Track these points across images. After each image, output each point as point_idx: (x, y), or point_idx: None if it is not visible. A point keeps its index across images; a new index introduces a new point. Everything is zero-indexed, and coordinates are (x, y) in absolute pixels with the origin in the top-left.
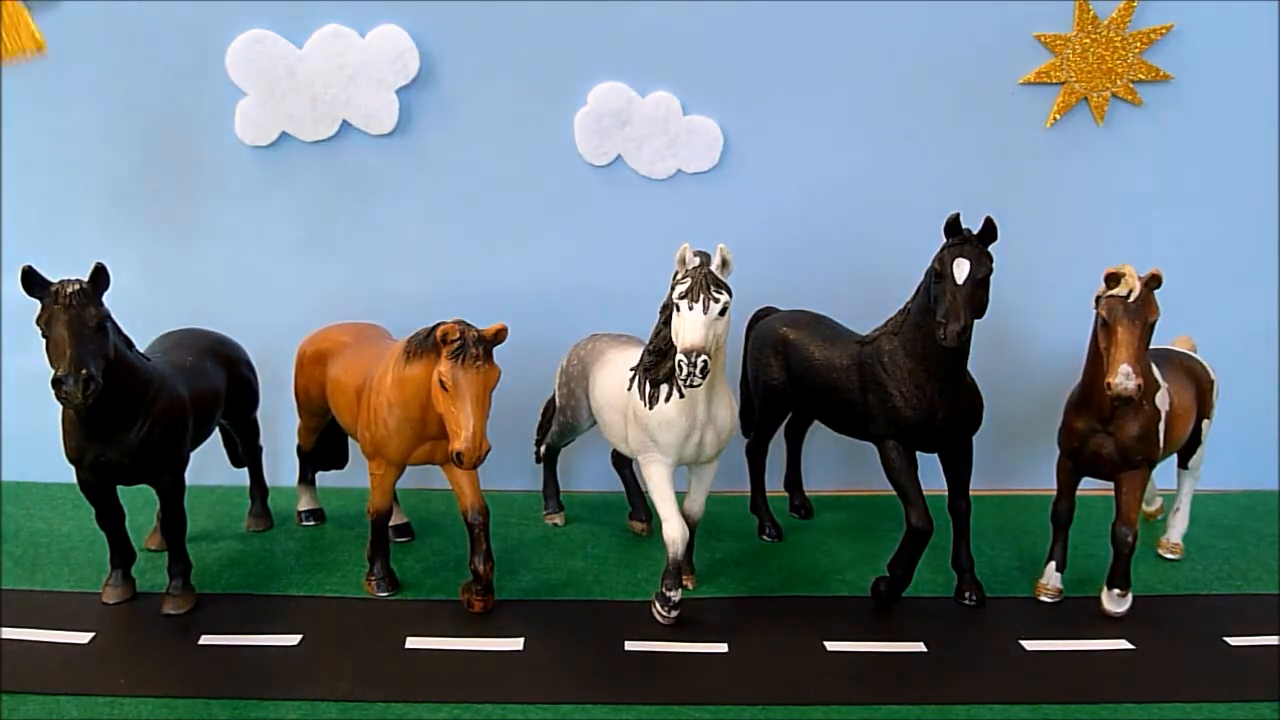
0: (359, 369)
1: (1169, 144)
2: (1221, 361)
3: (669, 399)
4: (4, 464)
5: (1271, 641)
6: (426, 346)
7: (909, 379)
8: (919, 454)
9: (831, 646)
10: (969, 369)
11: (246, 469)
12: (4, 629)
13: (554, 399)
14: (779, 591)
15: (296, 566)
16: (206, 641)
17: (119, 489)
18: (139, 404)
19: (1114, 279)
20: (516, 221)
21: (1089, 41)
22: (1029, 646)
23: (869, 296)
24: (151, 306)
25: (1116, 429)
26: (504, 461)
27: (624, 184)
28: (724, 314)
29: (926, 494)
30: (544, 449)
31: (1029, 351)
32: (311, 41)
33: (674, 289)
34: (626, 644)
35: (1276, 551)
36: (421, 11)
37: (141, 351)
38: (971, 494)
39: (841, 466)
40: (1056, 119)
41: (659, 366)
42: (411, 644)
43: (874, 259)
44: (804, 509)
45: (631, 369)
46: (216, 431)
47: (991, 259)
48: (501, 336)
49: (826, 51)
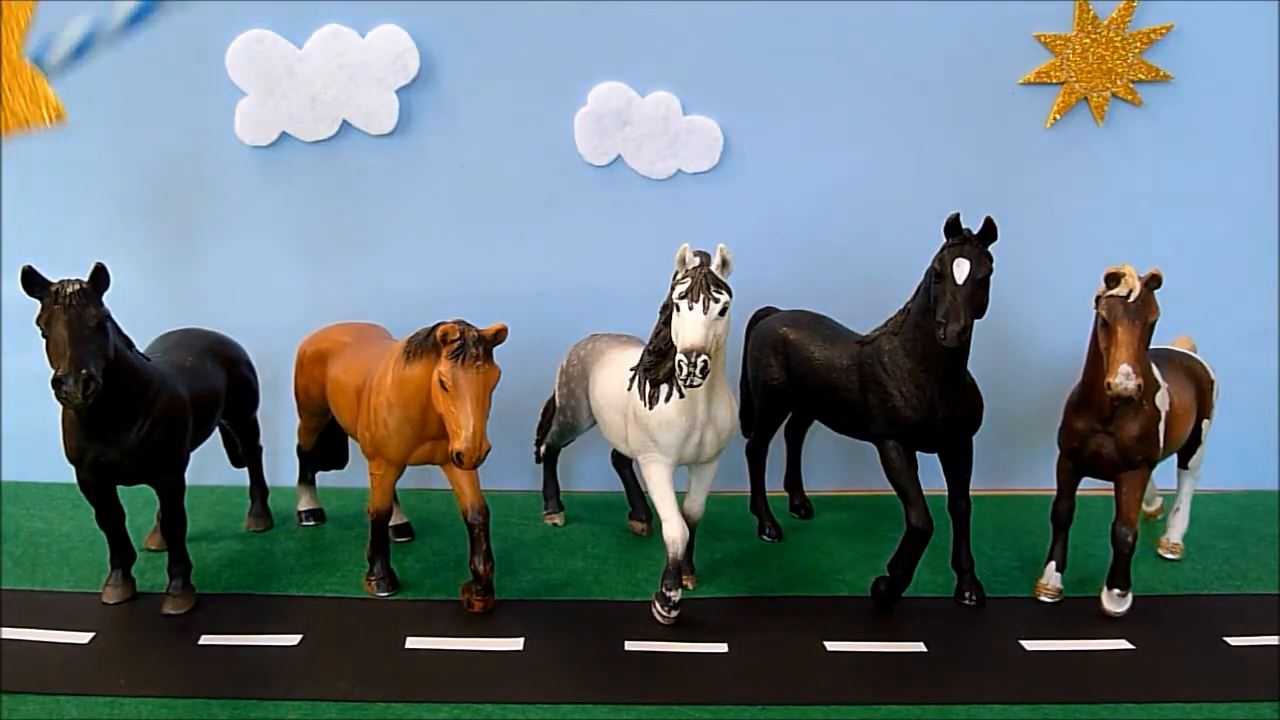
0: (359, 369)
1: (1169, 144)
2: (1221, 361)
3: (669, 399)
4: (4, 464)
5: (1271, 641)
6: (426, 346)
7: (909, 379)
8: (919, 454)
9: (831, 646)
10: (969, 369)
11: (246, 469)
12: (4, 629)
13: (554, 399)
14: (779, 591)
15: (296, 566)
16: (206, 641)
17: (119, 489)
18: (139, 404)
19: (1114, 279)
20: (516, 221)
21: (1089, 41)
22: (1029, 646)
23: (869, 296)
24: (151, 306)
25: (1116, 429)
26: (504, 461)
27: (624, 184)
28: (724, 314)
29: (926, 494)
30: (544, 449)
31: (1029, 351)
32: (311, 41)
33: (674, 289)
34: (626, 644)
35: (1276, 551)
36: (421, 11)
37: (141, 351)
38: (971, 494)
39: (841, 466)
40: (1056, 119)
41: (659, 366)
42: (411, 644)
43: (874, 259)
44: (804, 509)
45: (631, 369)
46: (216, 431)
47: (991, 259)
48: (501, 336)
49: (826, 51)
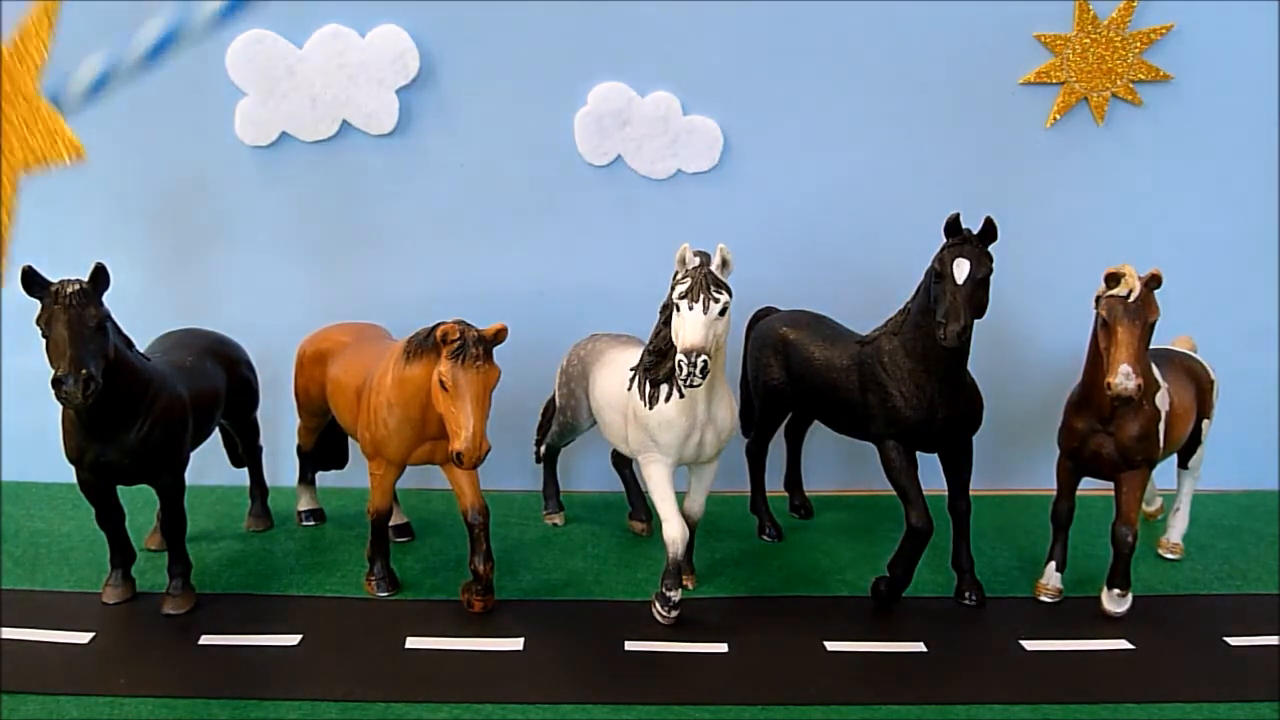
0: (359, 369)
1: (1169, 144)
2: (1221, 361)
3: (669, 399)
4: (4, 464)
5: (1271, 641)
6: (426, 346)
7: (909, 379)
8: (919, 454)
9: (831, 646)
10: (969, 369)
11: (246, 469)
12: (4, 629)
13: (554, 399)
14: (779, 591)
15: (296, 566)
16: (206, 641)
17: (119, 489)
18: (139, 404)
19: (1114, 279)
20: (516, 221)
21: (1089, 41)
22: (1029, 646)
23: (869, 296)
24: (151, 306)
25: (1116, 429)
26: (504, 461)
27: (624, 184)
28: (724, 314)
29: (926, 494)
30: (544, 449)
31: (1029, 351)
32: (311, 41)
33: (674, 289)
34: (626, 644)
35: (1276, 551)
36: (421, 11)
37: (141, 351)
38: (971, 494)
39: (841, 466)
40: (1056, 119)
41: (659, 366)
42: (411, 644)
43: (874, 259)
44: (804, 509)
45: (631, 369)
46: (216, 431)
47: (991, 259)
48: (501, 336)
49: (827, 51)
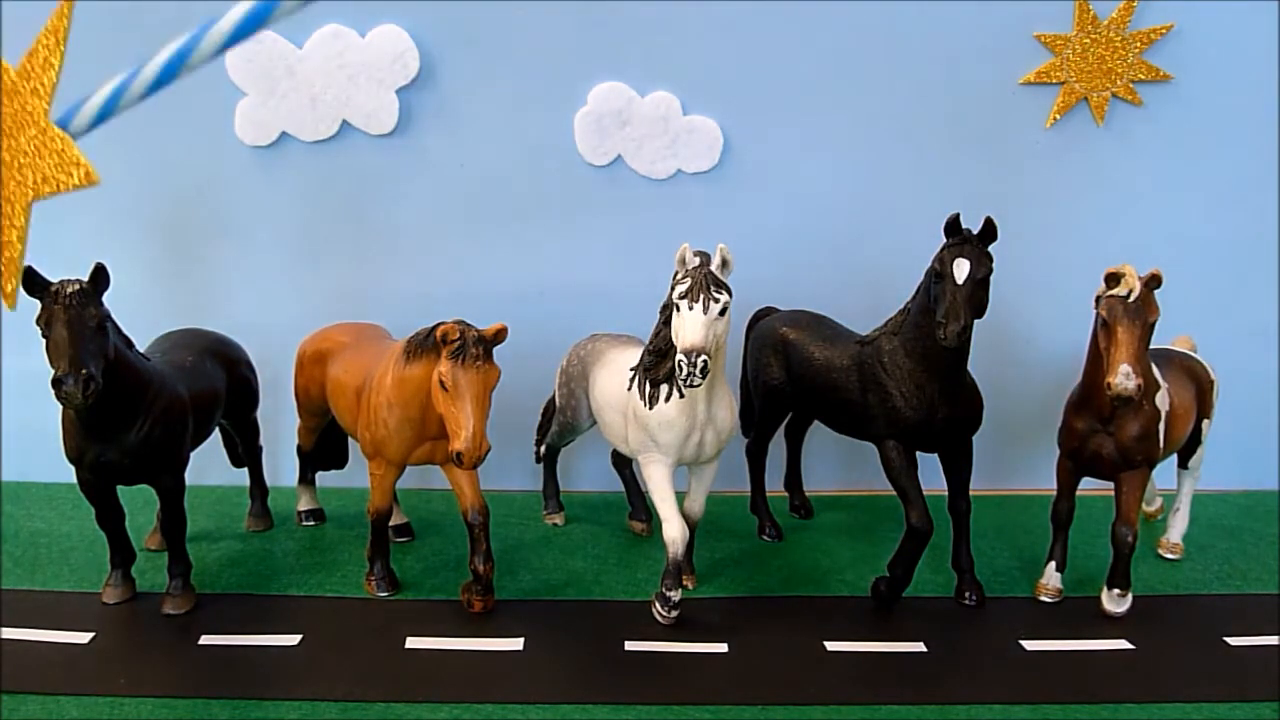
0: (359, 369)
1: (1169, 144)
2: (1221, 361)
3: (669, 399)
4: (4, 464)
5: (1271, 641)
6: (426, 346)
7: (909, 379)
8: (919, 454)
9: (831, 646)
10: (969, 369)
11: (246, 469)
12: (4, 629)
13: (554, 399)
14: (779, 591)
15: (296, 566)
16: (206, 641)
17: (119, 489)
18: (139, 404)
19: (1114, 279)
20: (516, 221)
21: (1089, 41)
22: (1029, 646)
23: (869, 296)
24: (151, 306)
25: (1116, 429)
26: (504, 461)
27: (624, 184)
28: (724, 314)
29: (926, 494)
30: (544, 449)
31: (1029, 351)
32: (311, 41)
33: (674, 289)
34: (626, 644)
35: (1276, 551)
36: (421, 11)
37: (141, 351)
38: (971, 494)
39: (841, 466)
40: (1056, 119)
41: (659, 366)
42: (411, 644)
43: (874, 259)
44: (804, 509)
45: (631, 369)
46: (216, 431)
47: (991, 259)
48: (501, 336)
49: (827, 51)
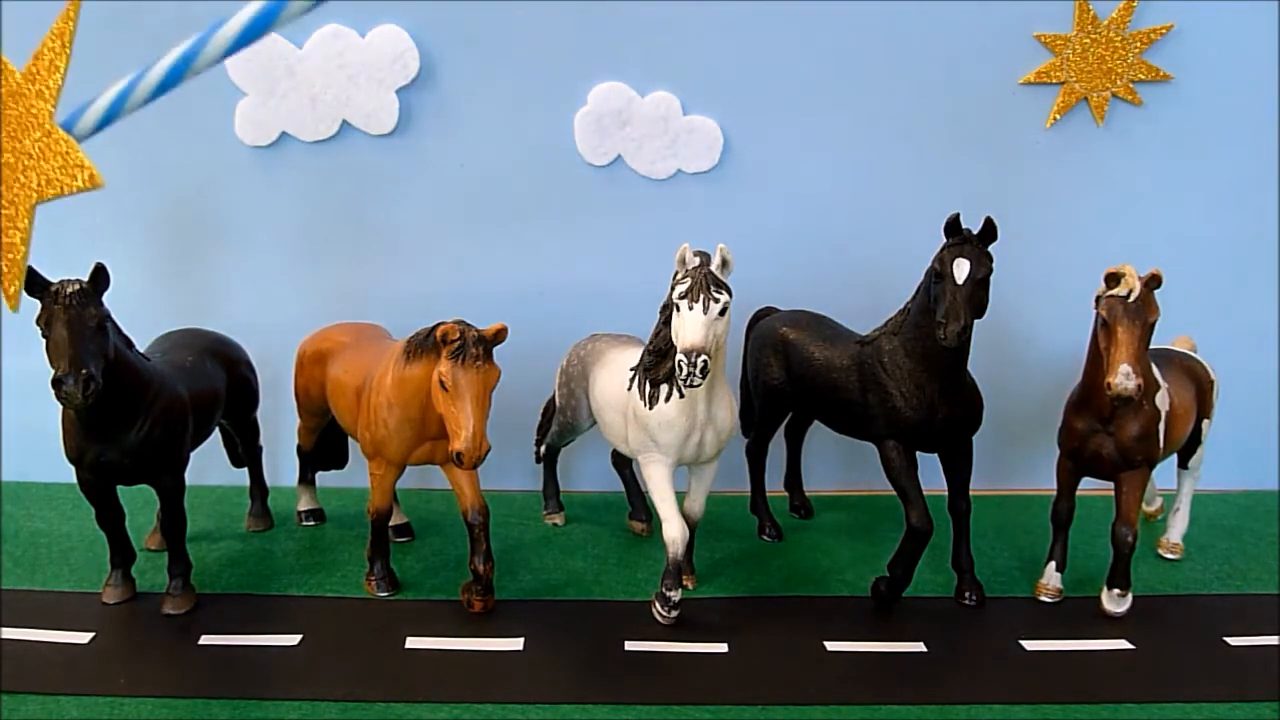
0: (359, 369)
1: (1169, 144)
2: (1221, 361)
3: (669, 399)
4: (4, 464)
5: (1271, 641)
6: (426, 346)
7: (909, 379)
8: (919, 454)
9: (831, 646)
10: (969, 369)
11: (246, 469)
12: (4, 629)
13: (554, 399)
14: (779, 591)
15: (296, 566)
16: (206, 641)
17: (119, 489)
18: (139, 404)
19: (1114, 279)
20: (516, 221)
21: (1089, 41)
22: (1029, 646)
23: (869, 296)
24: (151, 306)
25: (1116, 429)
26: (504, 461)
27: (624, 184)
28: (724, 314)
29: (926, 494)
30: (544, 449)
31: (1029, 351)
32: (311, 41)
33: (674, 289)
34: (626, 644)
35: (1276, 551)
36: (421, 11)
37: (141, 351)
38: (971, 494)
39: (841, 466)
40: (1056, 119)
41: (659, 366)
42: (411, 644)
43: (874, 259)
44: (804, 509)
45: (631, 369)
46: (216, 431)
47: (991, 259)
48: (501, 336)
49: (827, 51)
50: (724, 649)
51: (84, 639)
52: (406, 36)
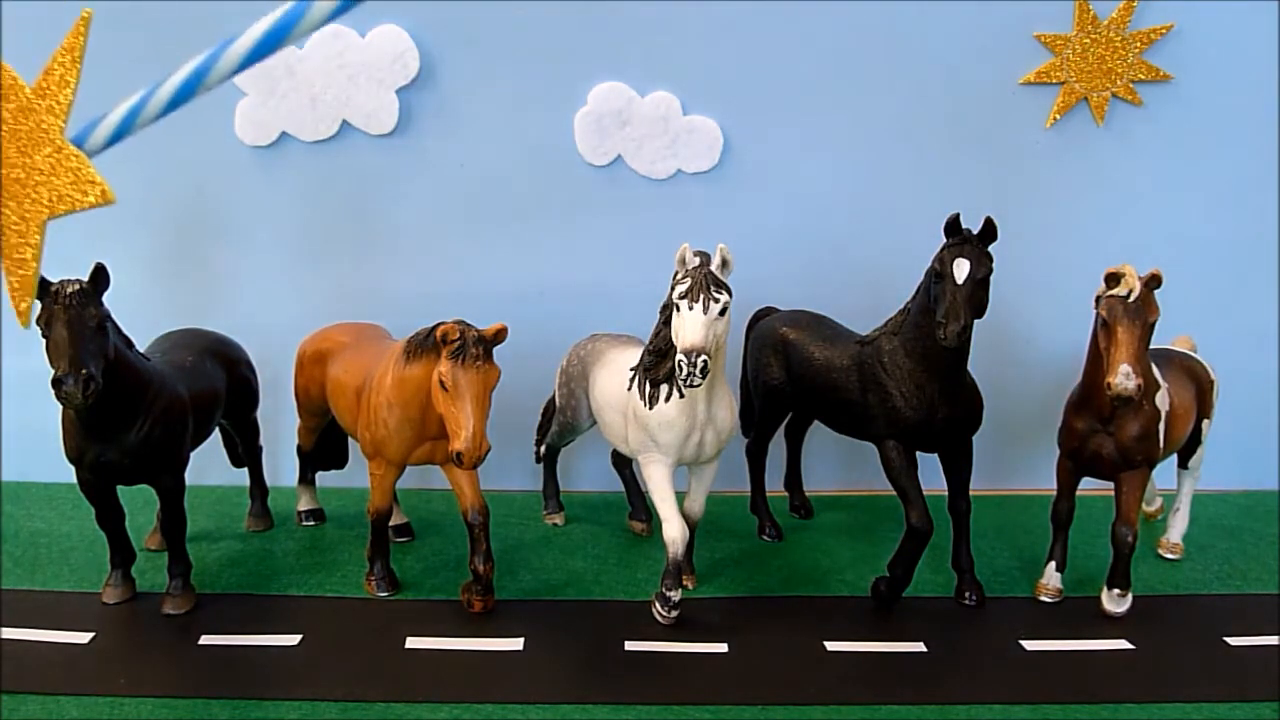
0: (359, 369)
1: (1169, 144)
2: (1221, 361)
3: (669, 399)
4: (4, 464)
5: (1271, 641)
6: (426, 346)
7: (909, 379)
8: (919, 454)
9: (831, 646)
10: (969, 369)
11: (246, 469)
12: (4, 629)
13: (554, 399)
14: (779, 591)
15: (296, 566)
16: (206, 641)
17: (119, 489)
18: (139, 404)
19: (1114, 279)
20: (516, 221)
21: (1089, 41)
22: (1029, 646)
23: (869, 296)
24: (151, 306)
25: (1116, 429)
26: (504, 461)
27: (624, 184)
28: (724, 314)
29: (926, 494)
30: (544, 449)
31: (1029, 351)
32: (311, 41)
33: (674, 289)
34: (626, 644)
35: (1276, 551)
36: (421, 11)
37: (141, 351)
38: (971, 494)
39: (841, 466)
40: (1056, 119)
41: (659, 366)
42: (411, 644)
43: (874, 259)
44: (804, 509)
45: (631, 369)
46: (216, 431)
47: (991, 259)
48: (501, 336)
49: (827, 52)
50: (724, 649)
51: (84, 639)
52: (406, 36)
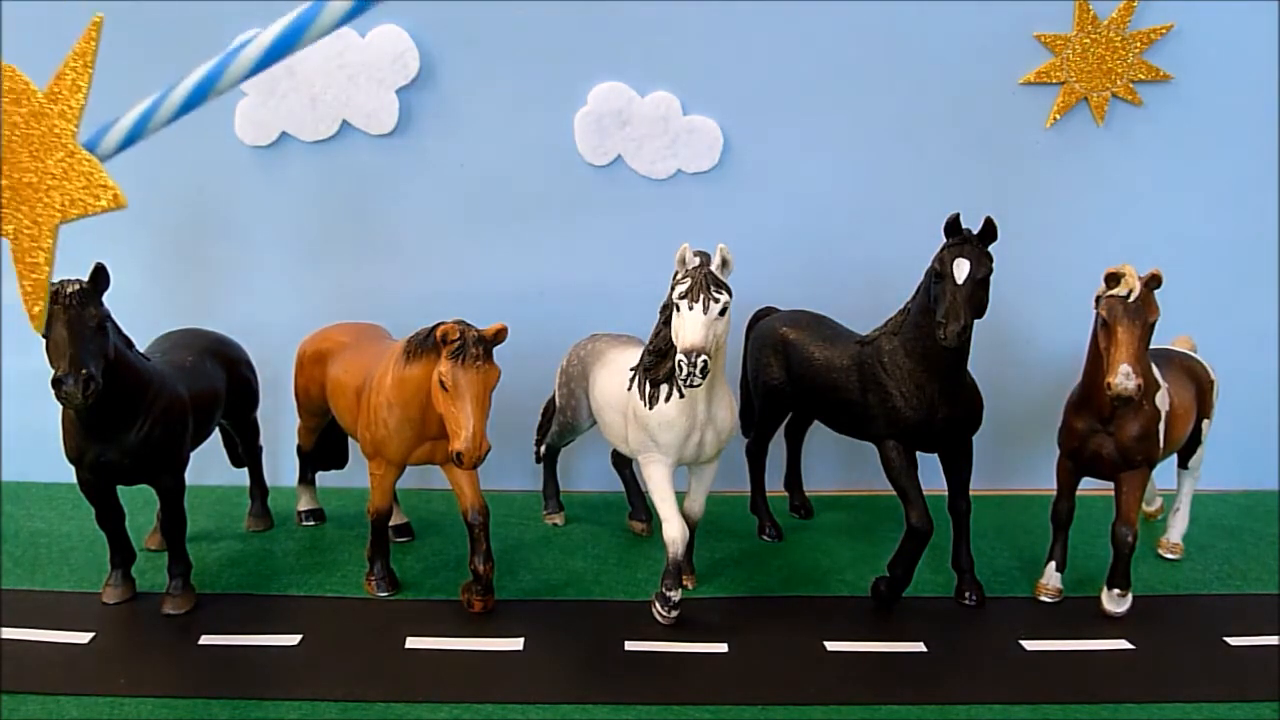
0: (359, 369)
1: (1169, 144)
2: (1221, 361)
3: (669, 399)
4: (4, 464)
5: (1271, 641)
6: (426, 346)
7: (909, 379)
8: (919, 454)
9: (831, 646)
10: (969, 369)
11: (246, 469)
12: (4, 629)
13: (554, 399)
14: (779, 591)
15: (296, 566)
16: (206, 641)
17: (119, 489)
18: (139, 404)
19: (1114, 279)
20: (516, 221)
21: (1089, 41)
22: (1029, 646)
23: (869, 296)
24: (151, 306)
25: (1116, 429)
26: (504, 461)
27: (624, 184)
28: (724, 314)
29: (926, 494)
30: (544, 449)
31: (1029, 351)
32: None
33: (674, 289)
34: (626, 644)
35: (1276, 551)
36: (421, 11)
37: (141, 351)
38: (971, 494)
39: (841, 466)
40: (1056, 119)
41: (659, 366)
42: (411, 644)
43: (874, 259)
44: (804, 509)
45: (631, 369)
46: (216, 431)
47: (991, 259)
48: (501, 336)
49: (827, 51)
50: (724, 649)
51: (84, 639)
52: (406, 36)
